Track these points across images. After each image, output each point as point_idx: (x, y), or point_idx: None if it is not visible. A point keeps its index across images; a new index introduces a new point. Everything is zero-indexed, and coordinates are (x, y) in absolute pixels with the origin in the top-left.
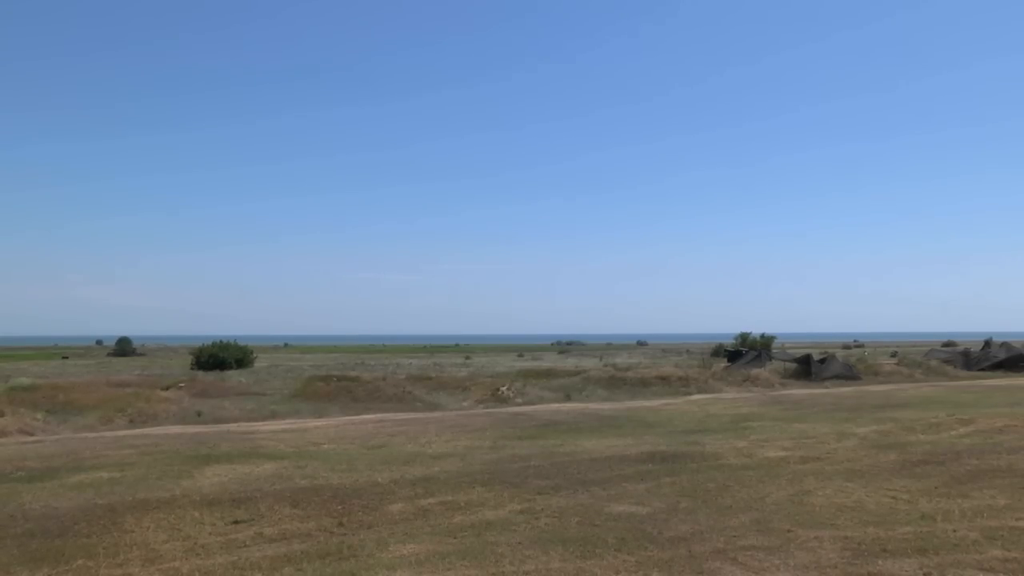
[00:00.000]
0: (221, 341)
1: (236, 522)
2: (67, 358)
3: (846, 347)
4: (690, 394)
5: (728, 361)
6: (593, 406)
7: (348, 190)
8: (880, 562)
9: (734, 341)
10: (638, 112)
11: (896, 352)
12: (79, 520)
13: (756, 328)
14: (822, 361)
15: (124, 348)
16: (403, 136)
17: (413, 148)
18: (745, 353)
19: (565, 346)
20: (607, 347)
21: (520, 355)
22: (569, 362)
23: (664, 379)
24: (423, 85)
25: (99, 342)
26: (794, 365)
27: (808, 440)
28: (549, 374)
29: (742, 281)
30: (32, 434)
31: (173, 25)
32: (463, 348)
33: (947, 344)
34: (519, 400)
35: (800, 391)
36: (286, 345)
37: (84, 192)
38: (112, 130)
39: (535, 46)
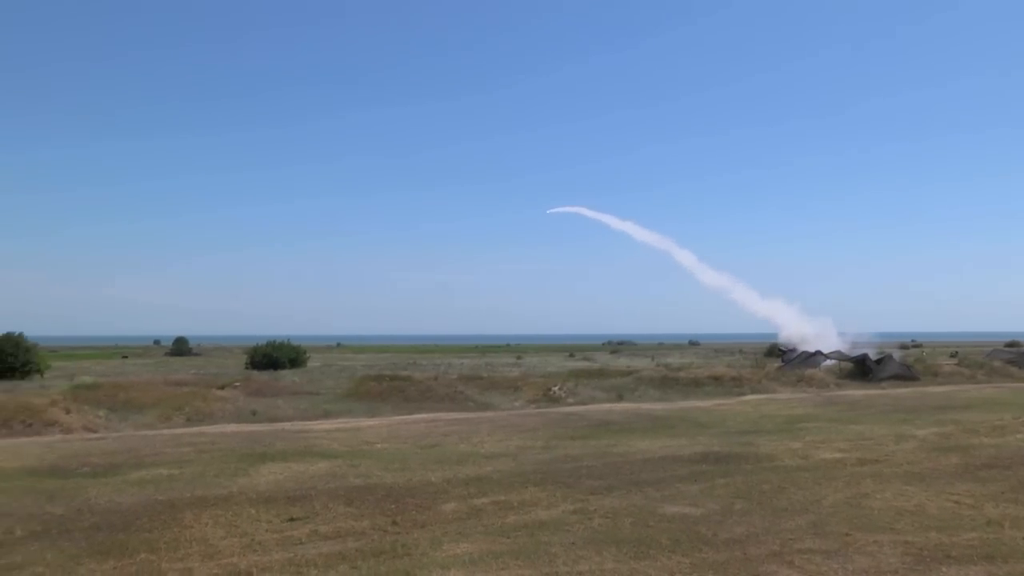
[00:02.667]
0: (275, 341)
1: (292, 519)
2: (127, 357)
3: (903, 347)
4: (743, 394)
5: (782, 361)
6: (645, 406)
7: (401, 189)
8: (944, 568)
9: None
10: (681, 109)
11: (956, 352)
12: (141, 515)
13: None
14: (879, 361)
15: (181, 348)
16: (447, 136)
17: (457, 147)
18: (800, 353)
19: (616, 346)
20: (659, 347)
21: (571, 355)
22: (621, 362)
23: (717, 379)
24: (466, 86)
25: (157, 342)
26: (850, 365)
27: (865, 442)
28: (601, 374)
29: (793, 279)
30: (95, 431)
31: (249, 24)
32: (514, 348)
33: (1011, 344)
34: (571, 400)
35: (856, 392)
36: (338, 345)
37: (140, 191)
38: (167, 130)
39: (579, 40)
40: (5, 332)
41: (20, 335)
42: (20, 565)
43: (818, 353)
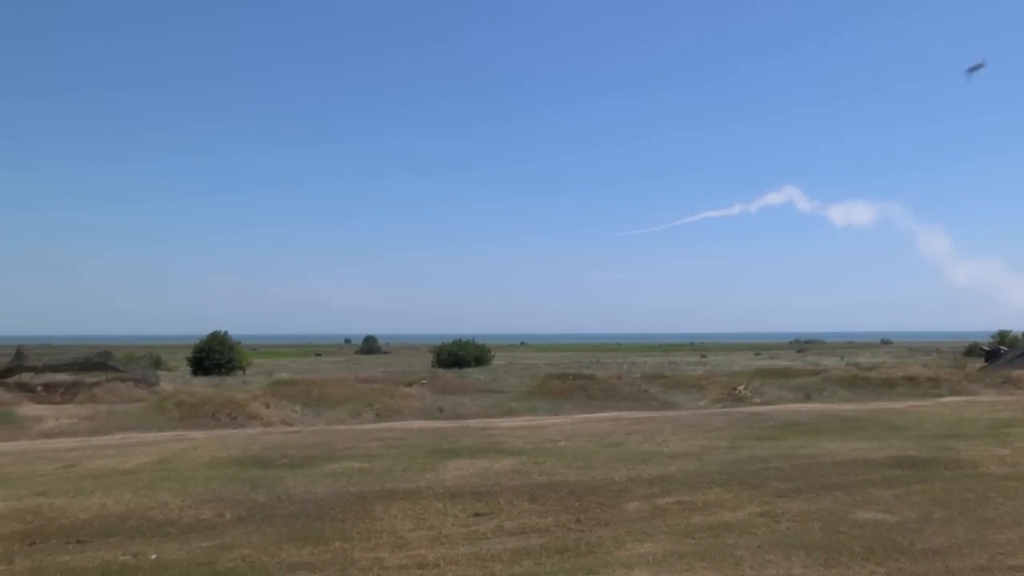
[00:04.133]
0: (460, 340)
1: (477, 515)
2: (320, 355)
3: None
4: (941, 396)
5: (984, 361)
6: (834, 407)
7: (581, 189)
8: None
9: (991, 339)
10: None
11: None
12: (334, 505)
13: (1017, 325)
14: None
15: (370, 346)
16: (629, 132)
17: (638, 144)
18: (1004, 352)
19: (804, 344)
20: (848, 345)
21: (757, 353)
22: (808, 361)
23: (911, 379)
24: (648, 83)
25: (348, 340)
26: None
27: None
28: (787, 373)
29: (1000, 270)
30: (292, 425)
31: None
32: (698, 347)
33: None
34: (757, 400)
35: None
36: (522, 344)
37: (331, 193)
38: (378, 135)
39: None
40: (212, 332)
41: (225, 334)
42: (230, 546)
43: None
